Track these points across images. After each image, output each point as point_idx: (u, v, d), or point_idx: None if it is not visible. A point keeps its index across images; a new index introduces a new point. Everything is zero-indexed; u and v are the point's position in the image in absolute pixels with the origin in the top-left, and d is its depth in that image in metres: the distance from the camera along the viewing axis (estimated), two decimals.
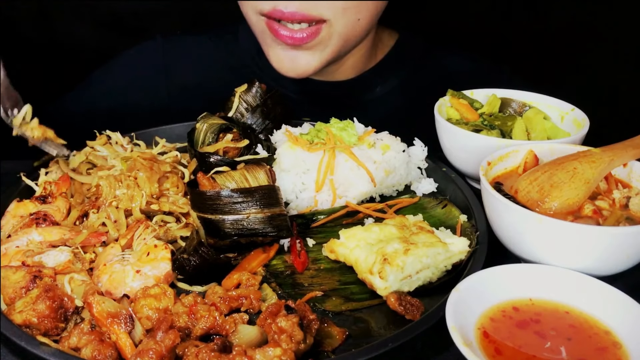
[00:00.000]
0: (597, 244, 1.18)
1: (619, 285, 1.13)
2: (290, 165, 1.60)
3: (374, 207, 1.57)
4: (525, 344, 1.06)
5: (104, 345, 1.09)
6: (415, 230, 1.37)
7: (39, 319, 1.15)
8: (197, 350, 1.05)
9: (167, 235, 1.43)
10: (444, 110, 1.74)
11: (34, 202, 1.50)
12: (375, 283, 1.25)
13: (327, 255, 1.41)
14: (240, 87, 1.81)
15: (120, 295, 1.23)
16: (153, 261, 1.32)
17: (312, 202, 1.58)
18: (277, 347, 1.04)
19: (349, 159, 1.58)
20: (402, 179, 1.66)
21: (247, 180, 1.48)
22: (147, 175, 1.50)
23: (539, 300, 1.15)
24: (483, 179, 1.32)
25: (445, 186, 1.64)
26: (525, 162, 1.44)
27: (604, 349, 1.05)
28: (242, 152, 1.62)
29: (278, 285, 1.33)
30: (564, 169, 1.31)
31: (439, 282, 1.30)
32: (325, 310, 1.26)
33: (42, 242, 1.38)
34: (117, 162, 1.58)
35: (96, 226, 1.43)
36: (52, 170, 1.61)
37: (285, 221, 1.41)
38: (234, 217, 1.38)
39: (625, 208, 1.31)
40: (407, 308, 1.20)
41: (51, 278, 1.26)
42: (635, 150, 1.33)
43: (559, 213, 1.27)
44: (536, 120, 1.67)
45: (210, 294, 1.26)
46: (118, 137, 1.73)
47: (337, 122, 1.67)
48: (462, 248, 1.33)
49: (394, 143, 1.66)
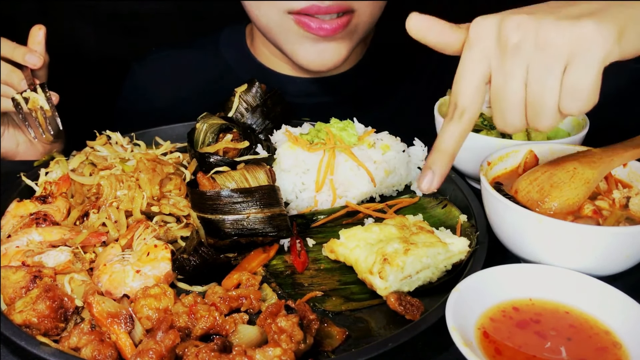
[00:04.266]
0: (597, 244, 1.18)
1: (619, 285, 1.13)
2: (290, 165, 1.60)
3: (374, 207, 1.57)
4: (525, 344, 1.06)
5: (104, 345, 1.09)
6: (415, 230, 1.37)
7: (39, 319, 1.15)
8: (197, 350, 1.05)
9: (167, 235, 1.43)
10: (444, 110, 1.74)
11: (34, 202, 1.50)
12: (375, 283, 1.25)
13: (327, 255, 1.41)
14: (240, 87, 1.81)
15: (120, 295, 1.23)
16: (153, 261, 1.32)
17: (312, 202, 1.58)
18: (277, 347, 1.04)
19: (349, 159, 1.58)
20: (402, 179, 1.66)
21: (247, 180, 1.48)
22: (148, 176, 1.51)
23: (539, 300, 1.15)
24: (483, 179, 1.32)
25: (445, 186, 1.64)
26: (525, 162, 1.44)
27: (604, 349, 1.05)
28: (242, 152, 1.62)
29: (278, 285, 1.33)
30: (564, 169, 1.31)
31: (439, 282, 1.30)
32: (325, 310, 1.26)
33: (42, 242, 1.38)
34: (117, 162, 1.58)
35: (96, 226, 1.43)
36: (52, 170, 1.61)
37: (285, 221, 1.41)
38: (234, 217, 1.38)
39: (625, 208, 1.31)
40: (407, 308, 1.20)
41: (51, 278, 1.26)
42: (635, 150, 1.33)
43: (559, 213, 1.27)
44: None
45: (210, 294, 1.26)
46: (118, 137, 1.73)
47: (337, 122, 1.67)
48: (462, 248, 1.33)
49: (394, 143, 1.66)
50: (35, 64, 1.63)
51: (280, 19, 1.86)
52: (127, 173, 1.53)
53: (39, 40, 1.66)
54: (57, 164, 1.62)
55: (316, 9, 1.78)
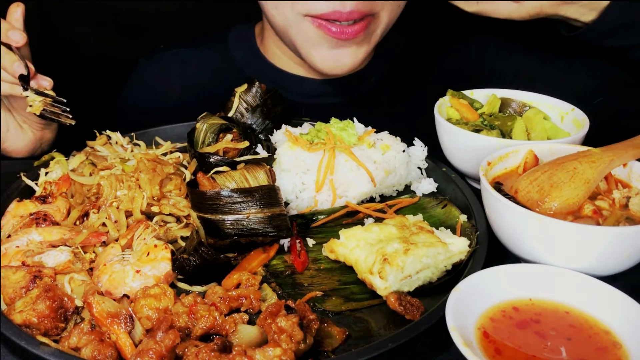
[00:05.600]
0: (597, 244, 1.18)
1: (619, 285, 1.13)
2: (290, 165, 1.60)
3: (374, 207, 1.57)
4: (525, 344, 1.06)
5: (104, 345, 1.09)
6: (415, 230, 1.37)
7: (39, 319, 1.15)
8: (197, 350, 1.05)
9: (167, 235, 1.43)
10: (444, 110, 1.74)
11: (34, 202, 1.50)
12: (375, 283, 1.25)
13: (327, 255, 1.41)
14: (240, 87, 1.81)
15: (120, 295, 1.23)
16: (153, 261, 1.32)
17: (312, 202, 1.58)
18: (277, 347, 1.04)
19: (349, 159, 1.58)
20: (402, 179, 1.66)
21: (247, 180, 1.48)
22: (149, 176, 1.50)
23: (539, 300, 1.15)
24: (483, 179, 1.32)
25: (445, 186, 1.64)
26: (525, 162, 1.44)
27: (604, 349, 1.05)
28: (242, 152, 1.62)
29: (278, 285, 1.33)
30: (564, 169, 1.31)
31: (439, 282, 1.30)
32: (325, 310, 1.26)
33: (42, 242, 1.38)
34: (117, 162, 1.58)
35: (96, 226, 1.43)
36: (52, 170, 1.61)
37: (285, 221, 1.41)
38: (234, 217, 1.38)
39: (625, 208, 1.31)
40: (407, 308, 1.20)
41: (51, 278, 1.26)
42: (635, 150, 1.33)
43: (559, 213, 1.27)
44: (536, 120, 1.68)
45: (210, 294, 1.26)
46: (118, 137, 1.73)
47: (337, 122, 1.67)
48: (462, 248, 1.33)
49: (394, 143, 1.66)
50: (18, 41, 1.58)
51: (296, 20, 1.84)
52: (127, 173, 1.53)
53: (17, 17, 1.62)
54: (57, 164, 1.62)
55: (338, 14, 1.76)
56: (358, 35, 1.83)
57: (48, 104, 1.58)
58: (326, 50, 1.88)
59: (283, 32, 1.94)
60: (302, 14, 1.82)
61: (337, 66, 1.91)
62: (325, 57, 1.89)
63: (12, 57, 1.58)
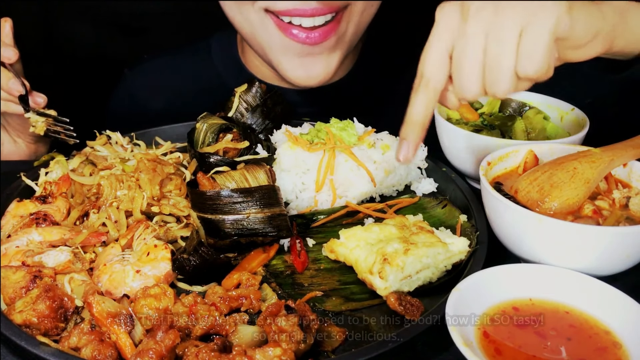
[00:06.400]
0: (597, 244, 1.18)
1: (619, 285, 1.13)
2: (290, 165, 1.60)
3: (374, 207, 1.57)
4: (525, 344, 1.06)
5: (104, 345, 1.09)
6: (415, 230, 1.37)
7: (39, 319, 1.15)
8: (197, 350, 1.05)
9: (167, 235, 1.43)
10: (444, 110, 1.74)
11: (34, 202, 1.50)
12: (375, 283, 1.25)
13: (327, 255, 1.41)
14: (240, 87, 1.81)
15: (120, 295, 1.23)
16: (153, 261, 1.32)
17: (312, 202, 1.58)
18: (277, 347, 1.04)
19: (349, 159, 1.58)
20: (402, 179, 1.66)
21: (247, 180, 1.48)
22: (149, 177, 1.50)
23: (539, 300, 1.15)
24: (483, 179, 1.32)
25: (445, 186, 1.64)
26: (525, 162, 1.44)
27: (604, 349, 1.05)
28: (242, 152, 1.62)
29: (278, 285, 1.33)
30: (564, 169, 1.31)
31: (439, 282, 1.30)
32: (325, 310, 1.26)
33: (42, 242, 1.38)
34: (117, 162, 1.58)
35: (96, 226, 1.43)
36: (52, 170, 1.61)
37: (285, 221, 1.41)
38: (234, 217, 1.38)
39: (625, 208, 1.31)
40: (407, 308, 1.20)
41: (51, 278, 1.26)
42: (635, 150, 1.33)
43: (559, 213, 1.27)
44: (536, 120, 1.68)
45: (210, 294, 1.26)
46: (118, 137, 1.73)
47: (337, 122, 1.67)
48: (462, 248, 1.33)
49: (394, 143, 1.66)
50: (10, 58, 1.57)
51: (260, 20, 1.76)
52: (127, 173, 1.53)
53: (6, 32, 1.60)
54: (57, 164, 1.62)
55: (301, 11, 1.66)
56: (327, 38, 1.73)
57: (51, 124, 1.61)
58: (296, 58, 1.79)
59: (251, 39, 1.86)
60: (263, 9, 1.73)
61: (309, 77, 1.82)
62: (295, 66, 1.81)
63: (6, 74, 1.57)
